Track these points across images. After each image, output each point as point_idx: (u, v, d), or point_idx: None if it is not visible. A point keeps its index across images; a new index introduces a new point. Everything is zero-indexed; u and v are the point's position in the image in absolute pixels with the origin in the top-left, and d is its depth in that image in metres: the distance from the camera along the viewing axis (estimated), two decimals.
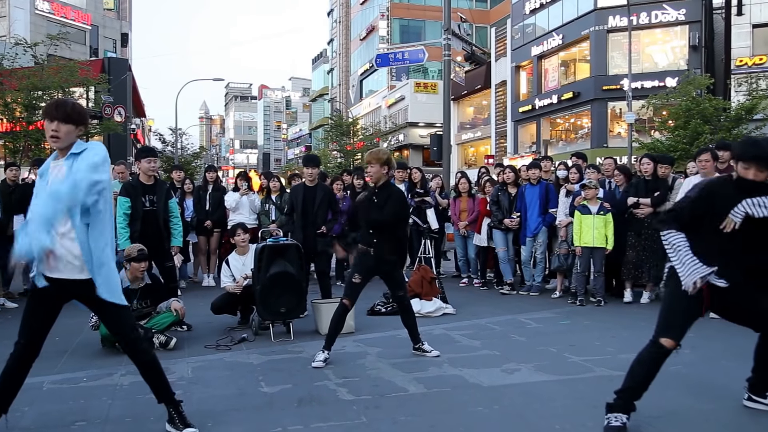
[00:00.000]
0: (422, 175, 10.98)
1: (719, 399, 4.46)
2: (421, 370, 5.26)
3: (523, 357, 5.65)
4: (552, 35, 34.96)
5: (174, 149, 43.00)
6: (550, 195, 9.15)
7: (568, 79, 35.05)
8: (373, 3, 57.43)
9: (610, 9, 31.25)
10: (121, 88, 32.42)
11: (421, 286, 7.95)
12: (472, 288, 10.18)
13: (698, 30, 29.96)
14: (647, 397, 3.87)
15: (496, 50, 41.05)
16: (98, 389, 4.89)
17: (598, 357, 5.60)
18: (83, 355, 6.03)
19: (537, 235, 9.21)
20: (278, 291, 6.39)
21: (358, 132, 46.63)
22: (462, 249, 10.62)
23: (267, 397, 4.64)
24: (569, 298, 8.69)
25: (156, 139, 47.56)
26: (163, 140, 44.34)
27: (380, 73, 55.04)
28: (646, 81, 29.60)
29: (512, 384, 4.88)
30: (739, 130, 21.81)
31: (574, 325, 7.21)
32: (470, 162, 44.14)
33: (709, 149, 7.59)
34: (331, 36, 73.88)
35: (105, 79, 25.44)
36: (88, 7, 46.87)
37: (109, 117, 27.25)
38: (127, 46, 50.15)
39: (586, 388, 4.75)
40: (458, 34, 19.60)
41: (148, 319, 6.39)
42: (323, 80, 78.70)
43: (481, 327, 7.11)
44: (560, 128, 37.06)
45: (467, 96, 44.17)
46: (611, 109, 32.10)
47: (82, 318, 5.92)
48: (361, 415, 4.21)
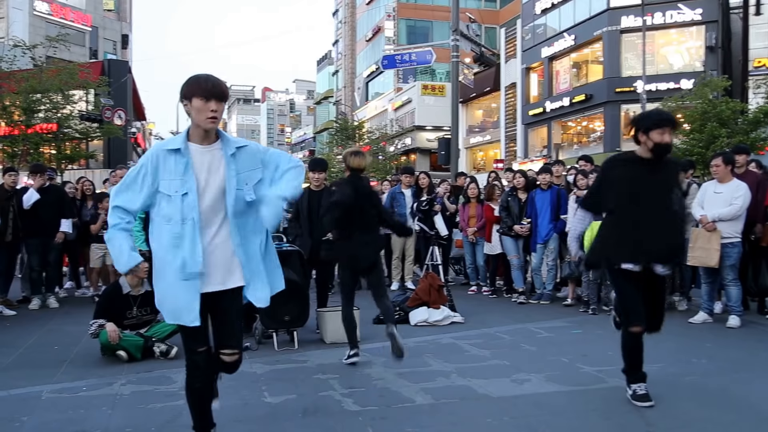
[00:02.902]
0: (429, 180, 10.85)
1: (737, 410, 4.34)
2: (429, 381, 5.17)
3: (533, 367, 5.54)
4: (563, 36, 34.74)
5: None
6: (561, 201, 8.99)
7: (580, 81, 34.81)
8: (379, 3, 57.35)
9: (624, 9, 30.92)
10: (122, 90, 32.48)
11: (428, 294, 7.85)
12: (480, 296, 10.06)
13: (715, 30, 29.55)
14: (663, 408, 3.78)
15: (505, 51, 40.89)
16: (98, 399, 4.82)
17: (612, 367, 5.42)
18: (83, 364, 5.97)
19: (548, 242, 9.04)
20: (282, 299, 6.27)
21: (363, 135, 46.59)
22: (471, 256, 10.49)
23: (271, 408, 4.57)
24: (581, 306, 8.55)
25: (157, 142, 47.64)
26: None
27: (386, 75, 54.87)
28: (660, 83, 29.24)
29: (522, 395, 4.79)
30: (757, 133, 21.55)
31: (587, 334, 7.09)
32: (479, 166, 44.03)
33: (722, 154, 7.48)
34: (336, 37, 73.89)
35: (105, 81, 25.52)
36: (88, 8, 46.94)
37: (110, 120, 27.26)
38: (128, 47, 50.23)
39: (599, 400, 4.65)
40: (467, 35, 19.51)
41: (148, 328, 6.29)
42: (328, 82, 78.67)
43: (491, 336, 7.00)
44: (572, 132, 36.82)
45: (476, 98, 44.07)
46: (625, 112, 31.74)
47: (81, 326, 5.85)
48: (367, 427, 4.15)
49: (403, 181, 11.00)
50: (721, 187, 7.29)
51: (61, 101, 21.98)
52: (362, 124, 49.72)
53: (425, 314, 7.65)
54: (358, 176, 5.87)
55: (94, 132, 25.83)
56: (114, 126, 26.95)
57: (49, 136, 22.85)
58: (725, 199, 7.12)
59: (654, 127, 4.31)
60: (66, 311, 8.99)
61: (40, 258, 9.13)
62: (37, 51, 22.42)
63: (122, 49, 49.67)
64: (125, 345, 5.91)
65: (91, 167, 31.17)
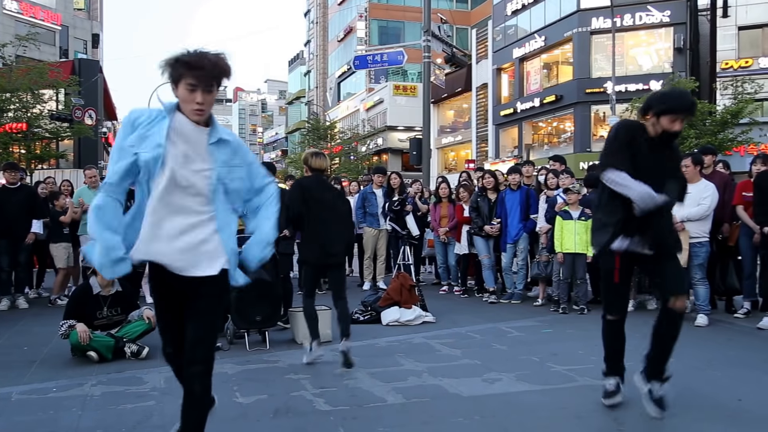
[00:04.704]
0: (401, 180, 10.88)
1: (705, 409, 4.40)
2: (400, 380, 5.17)
3: (504, 366, 5.58)
4: (534, 37, 34.99)
5: None
6: (531, 200, 9.08)
7: (551, 82, 35.10)
8: (351, 4, 57.32)
9: (594, 10, 31.24)
10: (92, 90, 32.10)
11: (400, 294, 7.87)
12: (452, 296, 10.11)
13: (683, 32, 29.96)
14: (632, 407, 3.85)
15: (477, 52, 41.06)
16: (68, 400, 4.76)
17: (582, 366, 5.52)
18: (53, 365, 5.89)
19: (518, 242, 9.12)
20: (253, 299, 6.29)
21: (335, 136, 46.52)
22: (442, 256, 10.55)
23: (242, 408, 4.53)
24: (552, 306, 8.64)
25: None
26: None
27: (358, 76, 54.88)
28: (630, 84, 29.59)
29: (493, 394, 4.81)
30: (725, 134, 21.92)
31: (557, 333, 7.15)
32: (451, 167, 44.16)
33: (691, 155, 7.59)
34: (308, 37, 73.66)
35: (75, 81, 25.25)
36: (58, 6, 46.11)
37: (80, 120, 26.92)
38: (98, 47, 49.51)
39: (569, 398, 4.69)
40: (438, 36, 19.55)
41: (119, 328, 6.22)
42: (300, 82, 78.42)
43: (462, 336, 7.03)
44: (542, 132, 37.09)
45: (447, 99, 44.20)
46: (594, 113, 32.14)
47: (51, 327, 5.78)
48: (338, 427, 4.13)
49: (375, 181, 11.01)
50: (690, 188, 7.36)
51: (30, 101, 21.70)
52: (334, 125, 49.62)
53: (397, 314, 7.68)
54: (320, 177, 5.94)
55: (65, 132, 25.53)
56: (84, 126, 26.63)
57: (18, 136, 22.53)
58: (693, 200, 7.17)
59: (668, 112, 3.99)
60: (35, 312, 8.87)
61: (10, 258, 9.02)
62: (6, 50, 22.09)
63: (93, 48, 48.91)
64: (96, 345, 5.85)
65: (61, 167, 30.78)
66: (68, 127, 25.56)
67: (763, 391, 4.83)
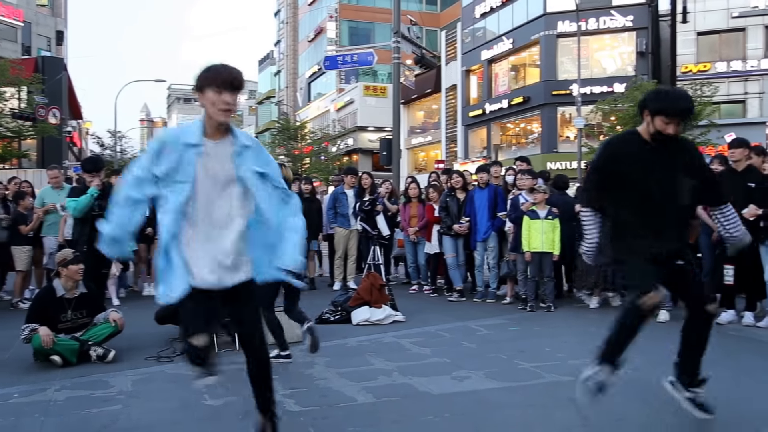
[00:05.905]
0: (372, 180, 10.87)
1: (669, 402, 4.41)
2: (371, 380, 5.18)
3: (473, 364, 5.61)
4: (502, 39, 35.35)
5: (113, 153, 42.15)
6: (498, 198, 9.13)
7: (519, 84, 35.49)
8: (321, 4, 57.25)
9: (560, 14, 31.76)
10: (56, 88, 31.60)
11: (370, 294, 7.87)
12: (422, 295, 10.13)
13: (645, 36, 30.68)
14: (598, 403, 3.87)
15: (446, 54, 41.33)
16: (30, 406, 4.67)
17: (548, 363, 5.59)
18: (14, 370, 5.76)
19: (487, 240, 9.16)
20: None
21: (306, 136, 46.41)
22: (412, 255, 10.56)
23: (211, 410, 4.50)
24: (519, 304, 8.70)
25: (94, 142, 46.56)
26: (101, 144, 43.39)
27: (329, 76, 54.86)
28: (594, 86, 30.14)
29: (463, 392, 4.85)
30: (684, 135, 22.27)
31: (524, 331, 7.22)
32: (421, 167, 44.33)
33: None
34: (278, 37, 73.35)
35: (38, 78, 24.86)
36: (20, 2, 45.02)
37: (43, 119, 26.48)
38: (63, 44, 48.68)
39: (536, 395, 4.74)
40: (408, 37, 19.57)
41: (84, 331, 6.08)
42: (270, 82, 78.02)
43: (431, 334, 7.05)
44: (510, 133, 37.48)
45: (417, 100, 44.39)
46: (561, 114, 32.58)
47: (12, 330, 5.67)
48: (309, 427, 4.13)
49: (346, 181, 11.00)
50: None
51: None
52: (304, 125, 49.48)
53: (367, 313, 7.68)
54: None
55: (27, 131, 25.10)
56: (48, 125, 26.24)
57: None
58: None
59: (660, 113, 3.78)
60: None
61: None
62: None
63: (57, 45, 48.03)
64: (59, 349, 5.71)
65: (24, 167, 30.24)
66: (31, 126, 25.15)
67: (717, 384, 4.88)
